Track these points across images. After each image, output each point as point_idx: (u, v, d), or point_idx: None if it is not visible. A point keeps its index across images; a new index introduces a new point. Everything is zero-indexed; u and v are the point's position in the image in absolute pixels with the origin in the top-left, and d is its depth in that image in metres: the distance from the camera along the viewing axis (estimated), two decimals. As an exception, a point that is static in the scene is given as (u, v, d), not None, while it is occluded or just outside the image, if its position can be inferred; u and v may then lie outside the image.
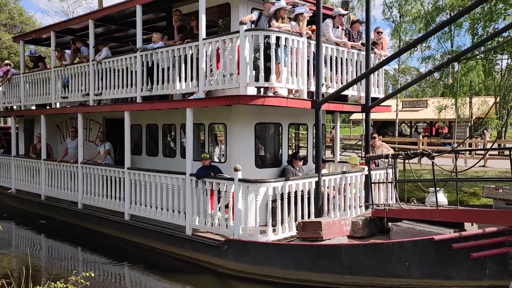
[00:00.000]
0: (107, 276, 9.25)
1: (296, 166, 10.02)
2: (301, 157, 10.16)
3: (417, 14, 35.20)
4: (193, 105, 9.33)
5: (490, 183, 11.59)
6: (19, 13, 45.96)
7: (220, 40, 8.99)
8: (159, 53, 10.24)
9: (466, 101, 35.69)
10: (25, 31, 46.41)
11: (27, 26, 44.77)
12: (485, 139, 25.67)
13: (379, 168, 10.35)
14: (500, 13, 25.30)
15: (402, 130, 45.90)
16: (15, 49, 43.91)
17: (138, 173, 10.50)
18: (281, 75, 8.70)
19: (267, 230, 8.28)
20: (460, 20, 34.68)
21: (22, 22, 45.84)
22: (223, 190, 8.75)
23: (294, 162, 10.04)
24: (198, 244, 9.06)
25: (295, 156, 10.06)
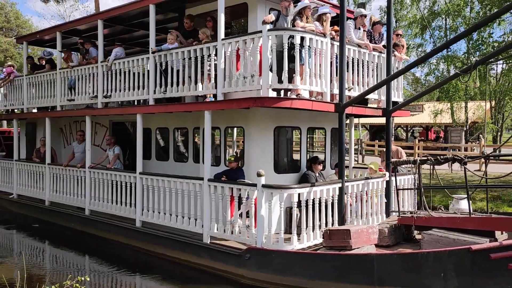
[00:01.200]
0: (118, 286, 8.76)
1: (316, 171, 9.62)
2: (321, 162, 9.75)
3: (413, 19, 35.12)
4: (211, 108, 8.89)
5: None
6: (16, 17, 45.26)
7: (241, 40, 8.57)
8: (173, 54, 9.80)
9: (462, 106, 35.62)
10: (21, 34, 45.81)
11: (23, 30, 44.14)
12: (481, 144, 25.53)
13: (402, 173, 9.99)
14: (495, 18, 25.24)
15: (398, 135, 45.78)
16: (11, 52, 43.24)
17: (151, 178, 10.01)
18: (305, 76, 8.31)
19: (292, 238, 7.84)
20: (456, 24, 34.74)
21: (19, 26, 45.15)
22: (244, 196, 8.31)
23: (314, 167, 9.63)
24: (217, 253, 8.59)
25: (314, 161, 9.65)
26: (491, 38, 26.87)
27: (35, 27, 45.94)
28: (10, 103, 15.43)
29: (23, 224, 13.51)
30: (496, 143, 36.06)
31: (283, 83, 8.10)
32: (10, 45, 43.40)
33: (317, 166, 9.55)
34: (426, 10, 33.76)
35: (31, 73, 14.27)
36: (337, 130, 10.78)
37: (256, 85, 8.34)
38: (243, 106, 8.41)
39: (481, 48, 26.99)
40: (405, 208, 10.28)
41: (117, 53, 11.42)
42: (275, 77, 8.13)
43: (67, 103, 12.76)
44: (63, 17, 48.17)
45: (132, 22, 12.49)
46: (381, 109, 9.97)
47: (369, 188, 9.23)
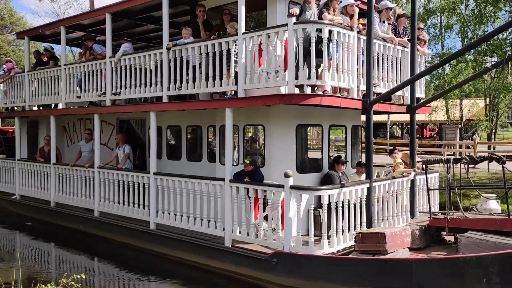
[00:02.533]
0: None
1: (339, 171, 9.16)
2: (344, 162, 9.28)
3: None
4: (233, 105, 8.38)
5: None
6: (10, 14, 44.14)
7: (264, 34, 8.05)
8: (189, 48, 9.27)
9: (457, 103, 35.40)
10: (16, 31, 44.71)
11: (17, 27, 43.05)
12: (475, 141, 25.37)
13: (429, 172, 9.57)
14: (490, 16, 24.98)
15: (393, 132, 45.50)
16: (5, 50, 42.18)
17: (166, 179, 9.47)
18: (333, 72, 7.83)
19: (322, 242, 7.38)
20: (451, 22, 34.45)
21: (13, 23, 44.04)
22: (270, 197, 7.83)
23: (337, 166, 9.16)
24: (240, 257, 8.10)
25: (338, 161, 9.18)
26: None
27: (29, 24, 44.94)
28: (11, 100, 14.75)
29: (28, 226, 12.90)
30: (491, 141, 35.96)
31: (311, 79, 7.63)
32: (4, 43, 42.38)
33: (340, 166, 9.08)
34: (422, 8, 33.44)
35: (34, 69, 13.61)
36: (357, 128, 10.43)
37: (281, 81, 7.85)
38: (269, 103, 7.91)
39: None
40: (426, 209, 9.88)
41: (125, 48, 10.85)
42: (302, 73, 7.65)
43: (75, 100, 12.14)
44: (58, 14, 47.24)
45: (140, 16, 11.92)
46: (405, 105, 9.53)
47: (394, 188, 8.80)
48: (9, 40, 43.53)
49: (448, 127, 34.01)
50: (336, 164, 9.15)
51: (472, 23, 26.83)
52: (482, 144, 28.73)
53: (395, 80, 9.16)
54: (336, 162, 9.16)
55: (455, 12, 30.69)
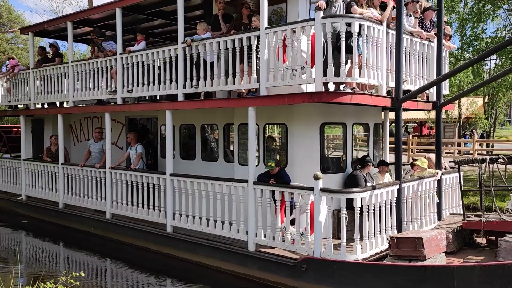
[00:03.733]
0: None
1: (364, 172, 8.74)
2: (371, 161, 8.85)
3: None
4: (256, 104, 7.92)
5: None
6: (8, 12, 43.27)
7: (289, 29, 7.58)
8: (207, 44, 8.80)
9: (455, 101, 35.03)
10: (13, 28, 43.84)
11: (16, 25, 42.31)
12: (474, 139, 25.18)
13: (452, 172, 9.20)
14: (489, 14, 24.64)
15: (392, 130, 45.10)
16: (4, 47, 41.38)
17: (184, 180, 9.02)
18: (362, 68, 7.39)
19: (355, 247, 6.97)
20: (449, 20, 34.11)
21: (11, 21, 43.22)
22: (297, 200, 7.40)
23: (363, 167, 8.73)
24: (266, 263, 7.67)
25: (364, 160, 8.76)
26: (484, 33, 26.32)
27: (28, 21, 44.14)
28: (15, 98, 14.20)
29: (36, 228, 12.41)
30: (489, 138, 35.71)
31: (340, 75, 7.20)
32: (3, 41, 41.60)
33: (368, 167, 8.65)
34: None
35: (39, 66, 13.08)
36: (378, 126, 10.02)
37: (308, 78, 7.41)
38: (296, 102, 7.45)
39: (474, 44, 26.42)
40: (452, 210, 9.52)
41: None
42: (331, 70, 7.21)
43: (83, 99, 11.64)
44: (56, 12, 46.46)
45: (151, 11, 11.40)
46: (431, 102, 9.12)
47: (422, 188, 8.41)
48: (8, 38, 42.75)
49: (447, 125, 33.76)
50: (362, 164, 8.72)
51: (471, 21, 26.47)
52: (480, 141, 28.48)
53: (421, 76, 8.75)
54: (362, 162, 8.73)
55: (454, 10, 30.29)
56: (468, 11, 29.14)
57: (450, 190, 9.43)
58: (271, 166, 7.90)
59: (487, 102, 35.85)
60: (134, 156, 10.48)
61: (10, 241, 11.82)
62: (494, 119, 37.81)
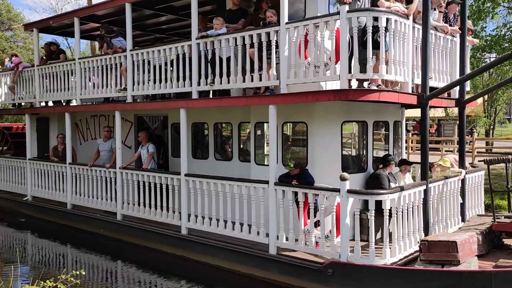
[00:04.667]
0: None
1: (387, 171, 8.41)
2: (394, 160, 8.50)
3: None
4: (277, 102, 7.56)
5: None
6: (7, 10, 42.69)
7: (311, 23, 7.23)
8: (223, 40, 8.43)
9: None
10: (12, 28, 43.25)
11: (15, 23, 41.84)
12: (474, 137, 24.96)
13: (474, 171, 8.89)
14: (488, 12, 24.36)
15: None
16: (3, 46, 40.82)
17: (199, 181, 8.66)
18: (389, 65, 7.05)
19: (384, 251, 6.64)
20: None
21: (10, 19, 42.65)
22: (322, 202, 7.07)
23: (386, 166, 8.39)
24: (289, 266, 7.33)
25: (387, 160, 8.42)
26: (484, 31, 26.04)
27: (27, 20, 43.58)
28: (19, 96, 13.79)
29: (42, 229, 12.04)
30: (489, 136, 35.49)
31: (367, 72, 6.85)
32: (2, 39, 41.03)
33: (390, 166, 8.32)
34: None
35: (45, 63, 12.67)
36: (397, 124, 9.69)
37: (333, 75, 7.07)
38: (321, 99, 7.10)
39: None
40: (472, 210, 9.23)
41: None
42: (357, 66, 6.87)
43: (91, 96, 11.26)
44: (55, 10, 45.88)
45: (160, 6, 11.01)
46: (454, 99, 8.80)
47: (447, 188, 8.10)
48: (7, 36, 42.19)
49: (446, 123, 33.51)
50: (384, 163, 8.38)
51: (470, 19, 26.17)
52: (480, 140, 28.22)
53: (445, 73, 8.42)
54: (384, 161, 8.39)
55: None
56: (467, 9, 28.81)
57: (472, 190, 9.12)
58: (290, 167, 7.56)
59: (486, 100, 35.61)
60: (146, 155, 10.11)
61: (15, 241, 11.45)
62: (493, 117, 37.58)
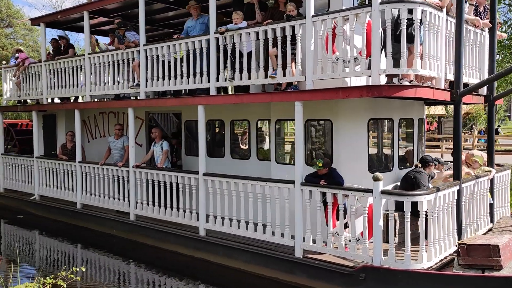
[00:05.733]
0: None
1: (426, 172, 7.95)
2: (432, 161, 8.01)
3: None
4: (304, 98, 7.17)
5: None
6: (7, 6, 42.07)
7: (340, 16, 6.85)
8: (243, 34, 8.04)
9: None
10: (13, 24, 42.68)
11: (15, 20, 41.29)
12: (473, 134, 24.67)
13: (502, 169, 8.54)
14: None
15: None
16: (3, 42, 40.22)
17: (219, 181, 8.27)
18: (425, 59, 6.67)
19: (420, 255, 6.28)
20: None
21: (10, 16, 42.06)
22: (353, 203, 6.70)
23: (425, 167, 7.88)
24: (317, 270, 6.96)
25: (427, 160, 7.92)
26: None
27: (27, 16, 42.93)
28: (25, 92, 13.35)
29: (53, 229, 11.61)
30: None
31: (401, 67, 6.47)
32: (2, 36, 40.43)
33: (430, 167, 7.88)
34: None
35: (52, 59, 12.23)
36: (421, 121, 9.33)
37: (364, 70, 6.68)
38: (353, 96, 6.70)
39: None
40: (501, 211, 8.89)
41: None
42: (390, 61, 6.49)
43: (101, 93, 10.85)
44: (55, 7, 45.26)
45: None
46: (483, 96, 8.44)
47: (478, 188, 7.75)
48: (7, 33, 41.59)
49: (446, 121, 33.21)
50: (424, 164, 7.89)
51: None
52: (480, 137, 27.96)
53: (475, 68, 8.06)
54: (425, 161, 7.88)
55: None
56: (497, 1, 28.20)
57: (498, 190, 8.78)
58: (318, 166, 7.18)
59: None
60: (159, 153, 9.71)
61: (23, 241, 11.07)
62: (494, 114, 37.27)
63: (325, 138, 8.00)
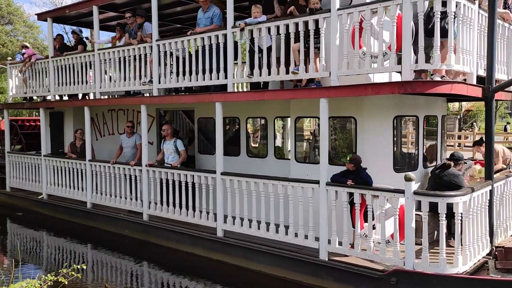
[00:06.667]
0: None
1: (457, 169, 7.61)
2: (462, 159, 7.71)
3: None
4: (331, 95, 6.83)
5: None
6: (7, 4, 41.56)
7: (368, 9, 6.51)
8: (263, 29, 7.69)
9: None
10: (13, 22, 42.17)
11: (15, 17, 40.85)
12: (474, 131, 24.38)
13: None
14: None
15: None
16: (3, 40, 39.74)
17: (238, 180, 7.93)
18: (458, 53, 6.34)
19: (455, 259, 5.96)
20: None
21: (10, 13, 41.56)
22: (383, 204, 6.38)
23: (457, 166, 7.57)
24: (344, 273, 6.62)
25: (457, 158, 7.60)
26: None
27: (27, 14, 42.55)
28: (32, 89, 12.97)
29: (62, 228, 11.26)
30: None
31: (435, 62, 6.14)
32: (2, 33, 39.95)
33: (460, 165, 7.56)
34: None
35: (60, 55, 11.85)
36: (444, 118, 9.01)
37: (393, 65, 6.34)
38: (383, 92, 6.36)
39: None
40: None
41: None
42: (422, 55, 6.15)
43: (110, 90, 10.49)
44: (55, 4, 44.68)
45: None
46: (510, 92, 8.12)
47: (508, 188, 7.43)
48: (7, 30, 41.11)
49: (447, 118, 32.92)
50: (456, 162, 7.56)
51: None
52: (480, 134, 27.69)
53: (503, 63, 7.73)
54: (456, 159, 7.53)
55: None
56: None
57: None
58: (346, 159, 6.87)
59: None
60: (170, 151, 9.35)
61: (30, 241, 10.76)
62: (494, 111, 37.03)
63: (347, 136, 7.66)
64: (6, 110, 14.05)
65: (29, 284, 4.48)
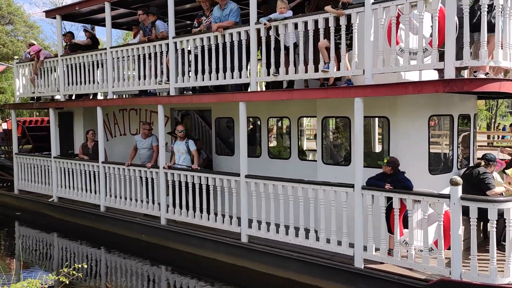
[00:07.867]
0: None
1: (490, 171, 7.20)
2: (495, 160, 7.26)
3: None
4: (367, 94, 6.38)
5: None
6: (7, 4, 40.87)
7: (407, 3, 6.05)
8: (289, 25, 7.23)
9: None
10: (14, 21, 41.47)
11: (15, 17, 40.23)
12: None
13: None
14: None
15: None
16: (4, 40, 39.09)
17: (264, 184, 7.46)
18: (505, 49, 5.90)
19: (507, 268, 5.55)
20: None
21: (10, 13, 40.90)
22: (425, 210, 5.95)
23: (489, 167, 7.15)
24: (382, 283, 6.18)
25: (490, 159, 7.18)
26: None
27: (28, 14, 41.92)
28: (39, 90, 12.46)
29: (74, 232, 10.78)
30: (490, 130, 34.55)
31: (482, 59, 5.70)
32: (2, 33, 39.30)
33: (492, 166, 7.16)
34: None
35: (70, 53, 11.35)
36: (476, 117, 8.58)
37: (435, 62, 5.91)
38: (426, 91, 5.91)
39: None
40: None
41: None
42: (468, 52, 5.72)
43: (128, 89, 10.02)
44: (55, 4, 44.00)
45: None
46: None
47: (546, 190, 7.02)
48: (7, 30, 40.45)
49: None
50: (488, 162, 7.14)
51: None
52: (481, 134, 27.37)
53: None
54: (488, 160, 7.10)
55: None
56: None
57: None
58: (383, 162, 6.43)
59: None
60: (182, 151, 8.87)
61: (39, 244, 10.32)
62: (495, 110, 36.66)
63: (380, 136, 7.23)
64: (13, 111, 13.53)
65: (30, 284, 4.42)
